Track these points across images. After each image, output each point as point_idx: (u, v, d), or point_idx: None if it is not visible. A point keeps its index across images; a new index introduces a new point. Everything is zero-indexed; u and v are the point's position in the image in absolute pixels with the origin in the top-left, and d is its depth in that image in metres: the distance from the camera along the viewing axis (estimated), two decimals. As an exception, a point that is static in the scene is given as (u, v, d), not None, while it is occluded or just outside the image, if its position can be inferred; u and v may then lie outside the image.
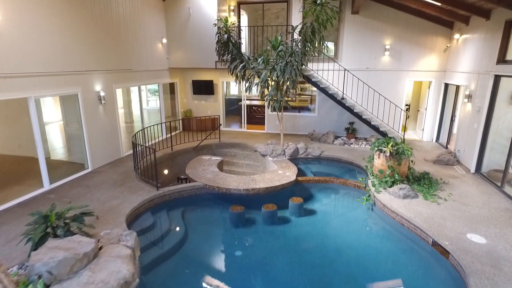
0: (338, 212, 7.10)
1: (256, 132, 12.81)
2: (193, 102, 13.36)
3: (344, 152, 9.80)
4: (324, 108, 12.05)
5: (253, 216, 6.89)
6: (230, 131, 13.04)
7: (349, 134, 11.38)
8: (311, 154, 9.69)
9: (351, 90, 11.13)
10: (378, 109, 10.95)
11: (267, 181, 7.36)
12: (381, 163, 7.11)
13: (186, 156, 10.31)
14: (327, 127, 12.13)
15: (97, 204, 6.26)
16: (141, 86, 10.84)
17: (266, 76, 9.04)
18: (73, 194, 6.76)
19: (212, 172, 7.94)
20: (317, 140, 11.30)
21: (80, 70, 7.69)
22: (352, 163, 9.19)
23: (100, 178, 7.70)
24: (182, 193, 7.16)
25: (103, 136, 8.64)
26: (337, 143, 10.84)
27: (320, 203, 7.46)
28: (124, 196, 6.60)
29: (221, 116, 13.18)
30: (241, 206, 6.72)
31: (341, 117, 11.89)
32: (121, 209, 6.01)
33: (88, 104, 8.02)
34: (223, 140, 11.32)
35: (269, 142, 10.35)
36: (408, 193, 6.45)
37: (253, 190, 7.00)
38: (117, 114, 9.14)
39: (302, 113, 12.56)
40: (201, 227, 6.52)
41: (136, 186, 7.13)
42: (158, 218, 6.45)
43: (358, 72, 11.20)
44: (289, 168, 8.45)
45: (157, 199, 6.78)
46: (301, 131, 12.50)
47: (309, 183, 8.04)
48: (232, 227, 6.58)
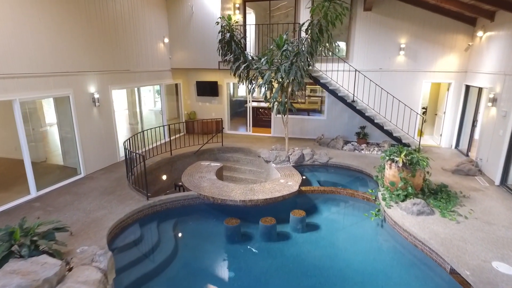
0: (344, 228, 6.44)
1: (262, 136, 12.23)
2: (197, 104, 12.91)
3: (354, 159, 9.11)
4: (334, 111, 11.36)
5: (249, 231, 6.32)
6: (235, 134, 12.51)
7: (360, 139, 10.65)
8: (318, 161, 9.04)
9: (363, 92, 10.41)
10: (392, 113, 10.19)
11: (267, 191, 6.78)
12: (392, 174, 6.41)
13: (186, 161, 9.84)
14: (336, 132, 11.43)
15: (81, 214, 5.83)
16: (142, 87, 10.44)
17: (270, 77, 8.47)
18: (59, 203, 6.37)
19: (209, 180, 7.42)
20: (326, 145, 10.63)
21: (72, 71, 7.31)
22: (362, 172, 8.50)
23: (91, 185, 7.30)
24: (175, 203, 6.67)
25: (98, 140, 8.26)
26: (347, 149, 10.14)
27: (324, 217, 6.81)
28: (111, 206, 6.16)
29: (226, 119, 12.67)
30: (236, 219, 6.16)
31: (352, 121, 11.17)
32: (105, 221, 5.55)
33: (81, 106, 7.64)
34: (226, 144, 10.81)
35: (274, 147, 9.76)
36: (423, 209, 5.74)
37: (250, 201, 6.43)
38: (113, 117, 8.75)
39: (310, 117, 11.90)
40: (192, 242, 5.99)
41: (126, 195, 6.68)
42: (145, 232, 5.96)
43: (371, 73, 10.47)
44: (293, 176, 7.84)
45: (147, 209, 6.30)
46: (309, 135, 11.84)
47: (314, 194, 7.41)
48: (226, 242, 6.03)
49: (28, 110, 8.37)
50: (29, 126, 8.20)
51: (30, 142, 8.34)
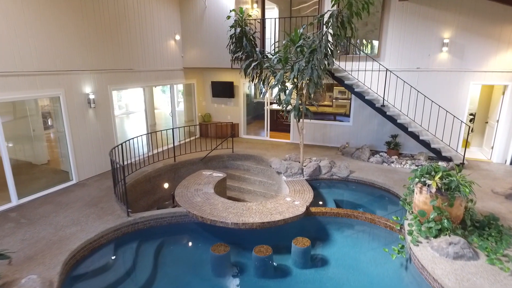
0: (357, 267, 5.18)
1: (280, 142, 11.13)
2: (212, 105, 12.11)
3: (381, 174, 7.72)
4: (361, 116, 9.97)
5: (242, 261, 5.32)
6: (250, 139, 11.53)
7: (390, 150, 9.18)
8: (337, 174, 7.78)
9: (395, 96, 8.95)
10: (430, 120, 8.62)
11: (266, 212, 5.72)
12: (423, 201, 5.06)
13: (191, 168, 9.04)
14: (363, 140, 10.02)
15: (50, 231, 5.18)
16: (150, 87, 9.81)
17: (282, 77, 7.38)
18: (36, 214, 5.80)
19: (204, 194, 6.51)
20: (350, 155, 9.29)
21: (63, 70, 6.77)
22: (389, 191, 7.11)
23: (78, 194, 6.71)
24: (160, 221, 5.84)
25: (94, 144, 7.69)
26: (374, 160, 8.74)
27: (335, 249, 5.60)
28: (86, 222, 5.45)
29: (242, 122, 11.74)
30: (226, 245, 5.17)
31: (382, 129, 9.71)
32: (71, 242, 4.83)
33: (73, 108, 7.09)
34: (238, 150, 9.87)
35: (288, 156, 8.63)
36: (463, 251, 4.35)
37: (244, 225, 5.41)
38: (113, 119, 8.16)
39: (334, 122, 10.59)
40: (173, 272, 5.08)
41: (108, 208, 5.97)
42: (119, 256, 5.16)
43: (405, 74, 8.97)
44: (303, 193, 6.69)
45: (126, 227, 5.52)
46: (332, 142, 10.55)
47: (325, 216, 6.21)
48: (212, 275, 5.06)
49: (28, 109, 8.04)
50: (28, 126, 7.86)
51: (28, 143, 8.02)
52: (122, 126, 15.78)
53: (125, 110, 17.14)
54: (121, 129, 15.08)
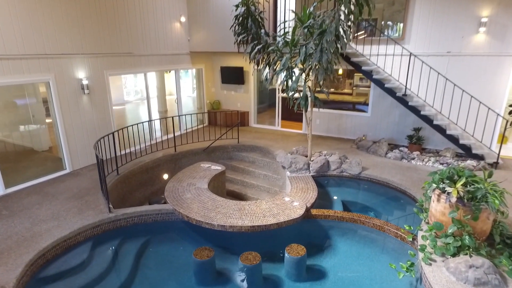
0: (359, 284, 4.49)
1: (291, 132, 10.40)
2: (222, 92, 11.50)
3: (398, 173, 6.85)
4: (381, 106, 9.00)
5: (228, 267, 4.79)
6: (260, 129, 10.87)
7: (412, 145, 8.21)
8: (347, 171, 7.00)
9: (419, 84, 7.92)
10: (460, 112, 7.54)
11: (259, 214, 5.11)
12: (441, 211, 4.24)
13: (193, 158, 8.57)
14: (383, 132, 9.08)
15: (26, 225, 4.88)
16: (150, 72, 9.34)
17: (288, 62, 6.62)
18: (20, 205, 5.55)
19: (196, 189, 5.99)
20: (365, 149, 8.42)
21: (53, 53, 6.39)
22: (405, 193, 6.27)
23: (68, 184, 6.42)
24: (144, 217, 5.40)
25: (90, 132, 7.37)
26: (392, 156, 7.83)
27: (335, 260, 4.93)
28: (66, 216, 5.11)
29: (252, 110, 11.07)
30: (210, 249, 4.64)
31: (404, 121, 8.71)
32: (42, 240, 4.49)
33: (65, 94, 6.75)
34: (244, 140, 9.27)
35: (295, 149, 7.92)
36: (486, 276, 3.55)
37: (231, 227, 4.84)
38: (109, 106, 7.77)
39: (350, 112, 9.67)
40: (154, 276, 4.65)
41: (92, 202, 5.61)
42: (95, 256, 4.76)
43: (433, 59, 7.89)
44: (306, 192, 6.02)
45: (107, 224, 5.13)
46: (348, 134, 9.68)
47: (327, 220, 5.51)
48: (194, 282, 4.57)
49: (27, 94, 7.82)
50: (28, 111, 7.65)
51: (29, 129, 7.83)
52: (137, 112, 15.64)
53: (141, 95, 16.96)
54: (136, 114, 14.93)
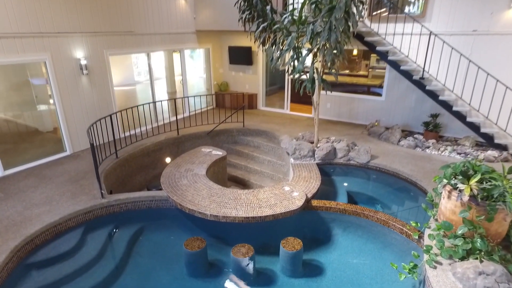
0: (358, 283, 4.21)
1: (300, 116, 9.98)
2: (230, 73, 11.10)
3: (409, 162, 6.40)
4: (396, 90, 8.40)
5: (221, 259, 4.61)
6: (268, 112, 10.49)
7: (427, 132, 7.65)
8: (354, 159, 6.60)
9: (439, 66, 7.27)
10: (483, 98, 6.90)
11: (255, 204, 4.85)
12: (451, 210, 3.84)
13: (196, 142, 8.36)
14: (397, 118, 8.53)
15: (18, 209, 4.82)
16: (154, 52, 9.03)
17: (294, 42, 6.15)
18: (16, 188, 5.51)
19: (193, 176, 5.78)
20: (377, 135, 7.94)
21: (49, 32, 6.17)
22: (415, 185, 5.84)
23: (66, 167, 6.35)
24: (138, 204, 5.25)
25: (90, 114, 7.22)
26: (405, 144, 7.33)
27: (334, 255, 4.66)
28: (58, 201, 5.02)
29: (261, 92, 10.66)
30: (202, 240, 4.45)
31: (420, 106, 8.12)
32: (32, 225, 4.42)
33: (63, 74, 6.57)
34: (250, 124, 8.95)
35: (301, 134, 7.55)
36: (498, 285, 3.17)
37: (224, 218, 4.62)
38: (110, 87, 7.57)
39: (364, 96, 9.11)
40: (142, 266, 4.52)
41: (87, 186, 5.50)
42: (85, 242, 4.66)
43: (456, 38, 7.18)
44: (308, 181, 5.70)
45: (99, 210, 5.01)
46: (359, 119, 9.17)
47: (329, 212, 5.19)
48: (185, 273, 4.42)
49: (29, 74, 7.72)
50: (31, 91, 7.56)
51: (33, 110, 7.77)
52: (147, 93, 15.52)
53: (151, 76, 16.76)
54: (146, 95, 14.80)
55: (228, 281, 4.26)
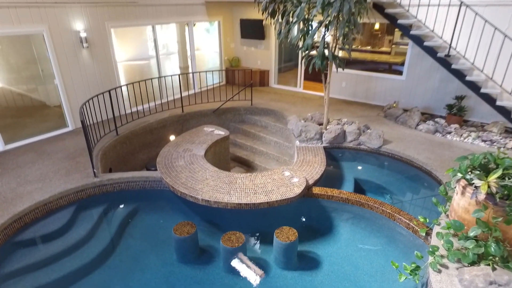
0: (356, 280, 3.90)
1: (313, 95, 9.44)
2: (241, 48, 10.58)
3: (426, 149, 5.85)
4: (419, 69, 7.67)
5: (212, 245, 4.41)
6: (280, 90, 9.99)
7: (450, 116, 6.98)
8: (365, 144, 6.12)
9: (468, 42, 6.48)
10: (517, 79, 6.13)
11: (250, 190, 4.56)
12: (464, 208, 3.38)
13: (201, 120, 8.08)
14: (418, 100, 7.84)
15: (11, 185, 4.78)
16: (159, 25, 8.63)
17: (303, 13, 5.59)
18: (13, 163, 5.48)
19: (191, 156, 5.53)
20: (394, 118, 7.35)
21: (45, 1, 5.90)
22: (430, 174, 5.33)
23: (66, 143, 6.26)
24: (132, 184, 5.09)
25: (92, 89, 7.05)
26: (424, 128, 6.73)
27: (332, 248, 4.34)
28: (52, 178, 4.94)
29: (273, 69, 10.13)
30: (192, 224, 4.25)
31: (445, 87, 7.38)
32: (22, 202, 4.35)
33: (62, 47, 6.36)
34: (259, 103, 8.55)
35: (310, 115, 7.09)
36: (511, 298, 2.77)
37: (216, 203, 4.37)
38: (113, 61, 7.32)
39: (382, 75, 8.41)
40: (131, 249, 4.39)
41: (83, 164, 5.39)
42: (76, 221, 4.57)
43: (491, 10, 6.32)
44: (312, 166, 5.33)
45: (92, 189, 4.89)
46: (377, 100, 8.54)
47: (331, 201, 4.83)
48: (175, 259, 4.26)
49: (34, 47, 7.59)
50: (36, 65, 7.46)
51: (39, 83, 7.71)
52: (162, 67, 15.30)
53: (166, 50, 16.44)
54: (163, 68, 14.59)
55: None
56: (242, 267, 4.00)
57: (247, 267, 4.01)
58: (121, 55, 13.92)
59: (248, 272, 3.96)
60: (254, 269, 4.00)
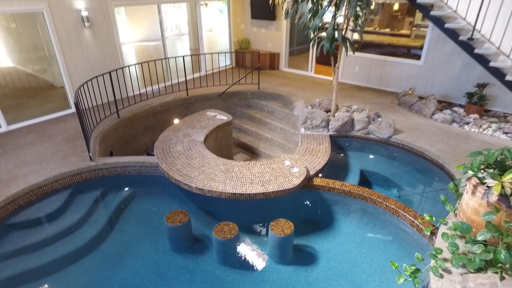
0: (352, 279, 3.68)
1: (324, 80, 9.03)
2: (251, 29, 10.18)
3: (440, 141, 5.46)
4: (438, 53, 7.13)
5: (208, 234, 4.28)
6: (290, 74, 9.62)
7: (470, 105, 6.49)
8: (374, 133, 5.78)
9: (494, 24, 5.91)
10: (547, 66, 5.57)
11: (246, 179, 4.36)
12: (474, 208, 3.07)
13: (206, 104, 7.89)
14: (436, 87, 7.34)
15: (9, 167, 4.76)
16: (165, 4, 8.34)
17: (312, -9, 5.21)
18: (15, 143, 5.48)
19: (190, 142, 5.36)
20: (408, 106, 6.92)
21: (44, -22, 5.73)
22: (443, 168, 4.97)
23: (68, 125, 6.22)
24: (128, 169, 4.99)
25: (95, 70, 6.93)
26: (440, 118, 6.30)
27: (330, 243, 4.12)
28: (49, 161, 4.89)
29: (283, 51, 9.73)
30: (186, 213, 4.11)
31: (466, 73, 6.85)
32: (16, 184, 4.33)
33: (63, 27, 6.22)
34: (267, 87, 8.25)
35: (318, 100, 6.76)
36: (519, 311, 2.50)
37: (210, 192, 4.20)
38: (117, 41, 7.14)
39: (399, 59, 7.90)
40: (124, 235, 4.32)
41: (80, 147, 5.32)
42: (68, 207, 4.51)
43: (523, -13, 5.71)
44: (315, 155, 5.07)
45: (88, 173, 4.82)
46: (391, 86, 8.07)
47: (332, 193, 4.58)
48: (168, 247, 4.15)
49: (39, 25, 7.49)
50: (42, 44, 7.39)
51: (45, 64, 7.65)
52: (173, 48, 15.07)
53: (178, 31, 16.16)
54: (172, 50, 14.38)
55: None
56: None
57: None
58: (131, 36, 13.74)
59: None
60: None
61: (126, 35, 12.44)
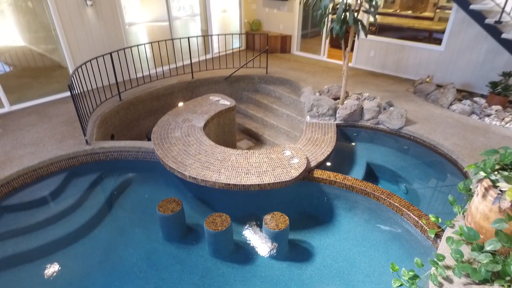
0: (348, 279, 3.49)
1: (337, 65, 8.60)
2: (263, 10, 9.75)
3: (456, 134, 5.07)
4: (462, 38, 6.58)
5: (202, 225, 4.15)
6: (301, 57, 9.21)
7: (493, 95, 5.99)
8: (384, 124, 5.42)
9: (527, 6, 5.34)
10: None
11: (242, 169, 4.17)
12: (483, 213, 2.77)
13: (212, 87, 7.66)
14: (456, 74, 6.83)
15: (6, 148, 4.73)
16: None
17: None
18: (16, 124, 5.46)
19: (189, 128, 5.18)
20: (424, 95, 6.47)
21: (44, -47, 5.52)
22: (456, 164, 4.61)
23: (69, 107, 6.14)
24: (124, 154, 4.88)
25: (99, 50, 6.78)
26: (457, 108, 5.85)
27: (327, 240, 3.91)
28: (46, 143, 4.84)
29: (295, 34, 9.29)
30: (178, 201, 3.99)
31: (492, 61, 6.30)
32: (10, 166, 4.29)
33: (65, 5, 6.05)
34: (276, 71, 7.93)
35: (326, 87, 6.41)
36: (526, 331, 2.24)
37: (203, 181, 4.04)
38: (121, 22, 6.93)
39: (417, 44, 7.36)
40: (117, 222, 4.25)
41: (78, 130, 5.23)
42: (62, 190, 4.46)
43: None
44: (319, 145, 4.81)
45: (84, 157, 4.74)
46: (408, 73, 7.58)
47: (333, 187, 4.33)
48: (160, 236, 4.06)
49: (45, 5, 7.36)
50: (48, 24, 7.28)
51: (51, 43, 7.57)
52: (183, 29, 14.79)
53: (191, 11, 15.80)
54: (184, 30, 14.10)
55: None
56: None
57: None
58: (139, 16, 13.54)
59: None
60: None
61: (134, 15, 12.20)
